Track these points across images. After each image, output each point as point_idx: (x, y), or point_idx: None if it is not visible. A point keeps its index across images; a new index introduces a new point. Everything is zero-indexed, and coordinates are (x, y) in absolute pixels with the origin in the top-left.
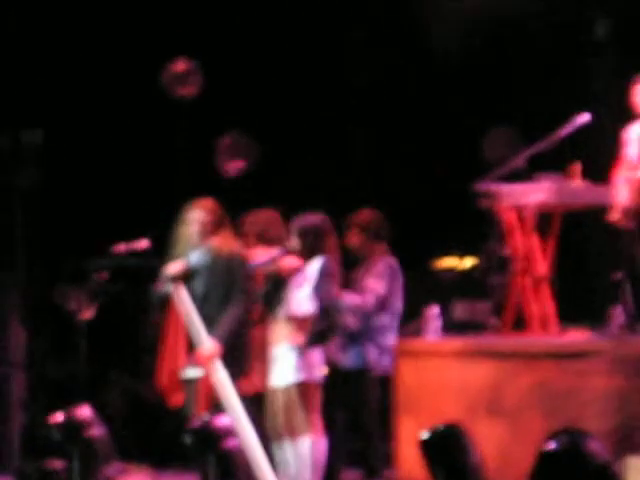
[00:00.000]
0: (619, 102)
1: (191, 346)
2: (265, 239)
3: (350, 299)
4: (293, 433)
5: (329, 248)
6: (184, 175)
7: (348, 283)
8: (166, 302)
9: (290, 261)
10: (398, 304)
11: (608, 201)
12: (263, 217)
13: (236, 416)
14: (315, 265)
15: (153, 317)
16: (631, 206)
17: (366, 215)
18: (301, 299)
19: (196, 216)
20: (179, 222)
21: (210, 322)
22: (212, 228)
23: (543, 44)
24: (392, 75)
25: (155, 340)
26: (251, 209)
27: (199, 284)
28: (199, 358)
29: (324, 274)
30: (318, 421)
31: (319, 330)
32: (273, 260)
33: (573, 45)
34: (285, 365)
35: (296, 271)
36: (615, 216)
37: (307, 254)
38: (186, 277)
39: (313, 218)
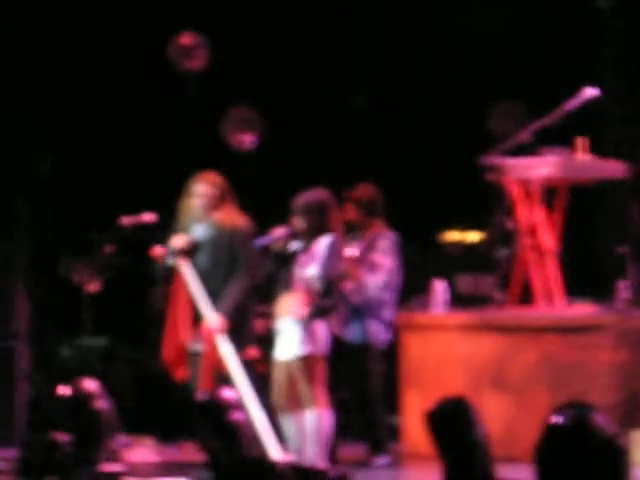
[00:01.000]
0: (628, 75)
1: (196, 319)
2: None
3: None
4: (297, 406)
5: (334, 224)
6: (191, 149)
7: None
8: (170, 275)
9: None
10: (398, 279)
11: (614, 175)
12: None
13: (242, 389)
14: (322, 243)
15: (159, 290)
16: None
17: (362, 190)
18: (308, 276)
19: (200, 190)
20: (184, 195)
21: (214, 296)
22: (216, 202)
23: (550, 17)
24: (399, 49)
25: (161, 313)
26: (256, 184)
27: (203, 258)
28: (205, 332)
29: (332, 253)
30: (323, 394)
31: (322, 306)
32: (278, 239)
33: (580, 16)
34: (290, 338)
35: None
36: None
37: (312, 231)
38: (190, 251)
39: (316, 194)
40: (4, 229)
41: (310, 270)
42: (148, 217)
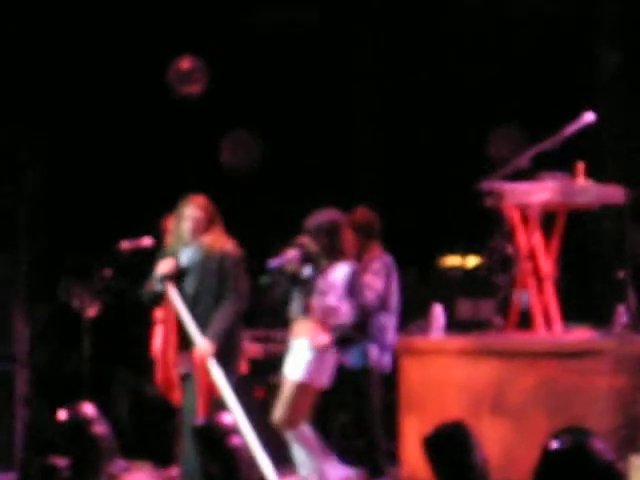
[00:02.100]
0: (624, 100)
1: (184, 343)
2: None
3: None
4: (290, 425)
5: (346, 245)
6: (189, 173)
7: None
8: (158, 300)
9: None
10: (395, 302)
11: (612, 200)
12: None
13: (235, 414)
14: (341, 271)
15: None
16: None
17: (360, 213)
18: (327, 306)
19: (189, 213)
20: (173, 218)
21: (202, 320)
22: (205, 226)
23: (548, 42)
24: (397, 75)
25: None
26: (255, 206)
27: (190, 283)
28: (196, 358)
29: (356, 282)
30: (301, 421)
31: (346, 336)
32: (290, 260)
33: (579, 43)
34: (298, 360)
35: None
36: None
37: (324, 252)
38: (177, 276)
39: (328, 214)
40: (3, 253)
41: (330, 300)
42: (147, 241)
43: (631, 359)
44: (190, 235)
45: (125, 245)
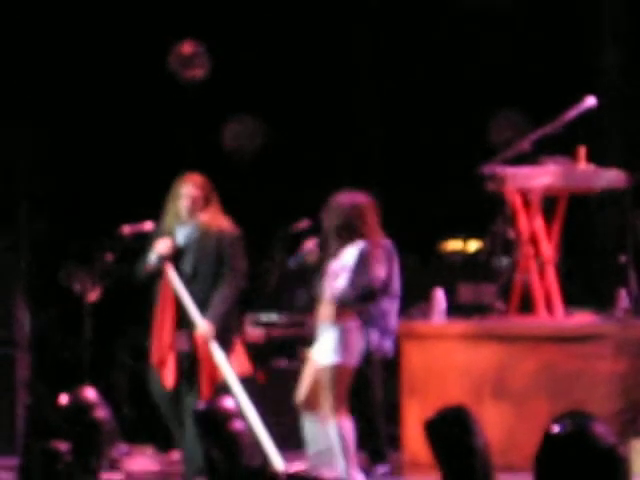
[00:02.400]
0: (627, 85)
1: (183, 322)
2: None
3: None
4: (319, 409)
5: (369, 228)
6: (191, 158)
7: None
8: (154, 280)
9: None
10: (396, 286)
11: (615, 185)
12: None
13: (238, 397)
14: (352, 251)
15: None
16: None
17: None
18: (336, 288)
19: (186, 191)
20: (169, 197)
21: (199, 300)
22: (201, 204)
23: (552, 27)
24: (398, 60)
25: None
26: (257, 192)
27: (188, 261)
28: (198, 340)
29: (361, 261)
30: (343, 406)
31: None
32: (310, 252)
33: (581, 28)
34: (325, 344)
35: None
36: None
37: (346, 235)
38: (175, 255)
39: (351, 197)
40: (4, 238)
41: (339, 281)
42: (149, 226)
43: (632, 343)
44: (187, 213)
45: (126, 230)
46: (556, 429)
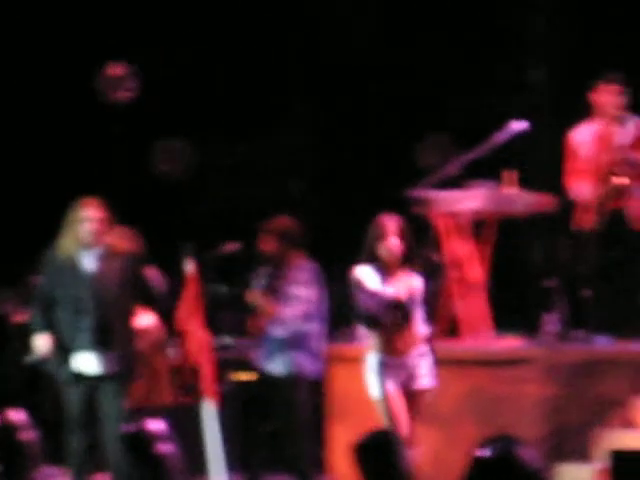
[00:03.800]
0: (556, 109)
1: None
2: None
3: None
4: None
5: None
6: (119, 180)
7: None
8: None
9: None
10: (324, 308)
11: (542, 209)
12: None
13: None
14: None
15: None
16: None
17: (283, 222)
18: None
19: (89, 214)
20: (67, 222)
21: (110, 323)
22: (106, 226)
23: (479, 51)
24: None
25: None
26: (187, 212)
27: (97, 285)
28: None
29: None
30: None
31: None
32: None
33: (510, 53)
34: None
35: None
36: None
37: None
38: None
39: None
40: None
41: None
42: None
43: (560, 368)
44: (93, 237)
45: None
46: (483, 453)
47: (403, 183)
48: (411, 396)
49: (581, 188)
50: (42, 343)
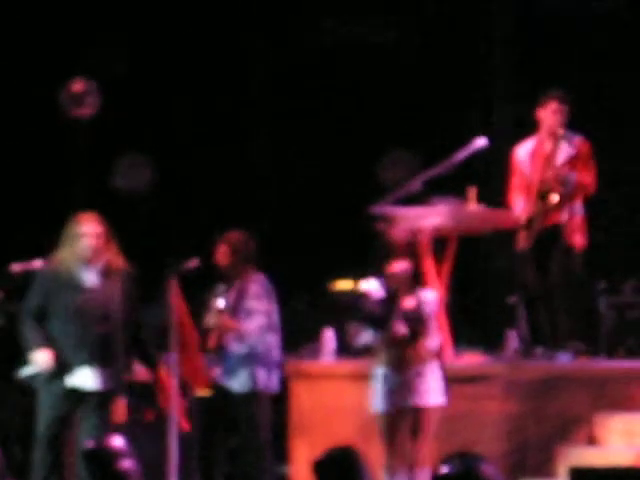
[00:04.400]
0: (516, 126)
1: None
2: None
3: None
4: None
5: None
6: (80, 196)
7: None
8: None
9: None
10: (277, 320)
11: (504, 225)
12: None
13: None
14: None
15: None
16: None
17: (236, 236)
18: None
19: (88, 229)
20: (66, 237)
21: (111, 340)
22: (106, 241)
23: (441, 68)
24: (291, 99)
25: None
26: (147, 228)
27: (99, 302)
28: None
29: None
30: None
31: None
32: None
33: (470, 69)
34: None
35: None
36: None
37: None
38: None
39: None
40: None
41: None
42: (38, 264)
43: (521, 384)
44: (93, 252)
45: (16, 268)
46: (445, 469)
47: (366, 199)
48: (416, 413)
49: (516, 205)
50: (43, 358)
